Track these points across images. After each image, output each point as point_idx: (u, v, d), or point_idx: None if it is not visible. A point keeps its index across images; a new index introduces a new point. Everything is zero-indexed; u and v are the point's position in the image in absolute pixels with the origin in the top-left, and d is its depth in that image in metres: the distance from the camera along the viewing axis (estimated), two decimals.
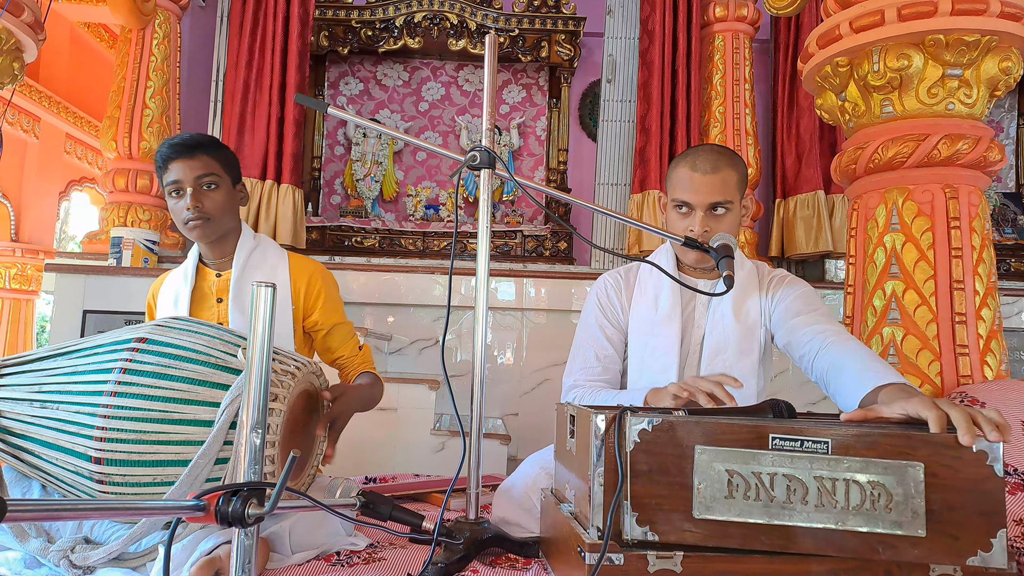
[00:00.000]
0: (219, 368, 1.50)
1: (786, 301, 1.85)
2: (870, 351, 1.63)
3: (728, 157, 1.84)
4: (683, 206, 1.83)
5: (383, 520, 1.34)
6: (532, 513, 1.69)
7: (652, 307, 1.91)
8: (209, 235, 1.93)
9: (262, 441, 1.01)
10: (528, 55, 4.85)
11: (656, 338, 1.88)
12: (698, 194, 1.80)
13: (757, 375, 1.87)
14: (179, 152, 1.89)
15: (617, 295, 1.98)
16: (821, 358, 1.66)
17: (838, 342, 1.65)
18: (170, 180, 1.89)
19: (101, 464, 1.41)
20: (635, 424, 1.17)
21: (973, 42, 2.19)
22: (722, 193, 1.79)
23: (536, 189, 1.72)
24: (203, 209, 1.87)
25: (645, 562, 1.14)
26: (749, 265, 1.93)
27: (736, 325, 1.84)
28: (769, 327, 1.89)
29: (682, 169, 1.84)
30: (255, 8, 4.39)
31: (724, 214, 1.81)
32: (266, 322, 1.01)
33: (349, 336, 2.11)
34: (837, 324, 1.75)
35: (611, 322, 1.96)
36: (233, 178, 1.98)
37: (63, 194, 6.53)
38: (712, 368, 1.84)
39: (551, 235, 4.77)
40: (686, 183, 1.82)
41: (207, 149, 1.92)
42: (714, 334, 1.86)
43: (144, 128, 4.31)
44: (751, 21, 4.50)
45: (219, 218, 1.92)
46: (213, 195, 1.90)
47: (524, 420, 3.87)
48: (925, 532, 1.11)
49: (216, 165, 1.91)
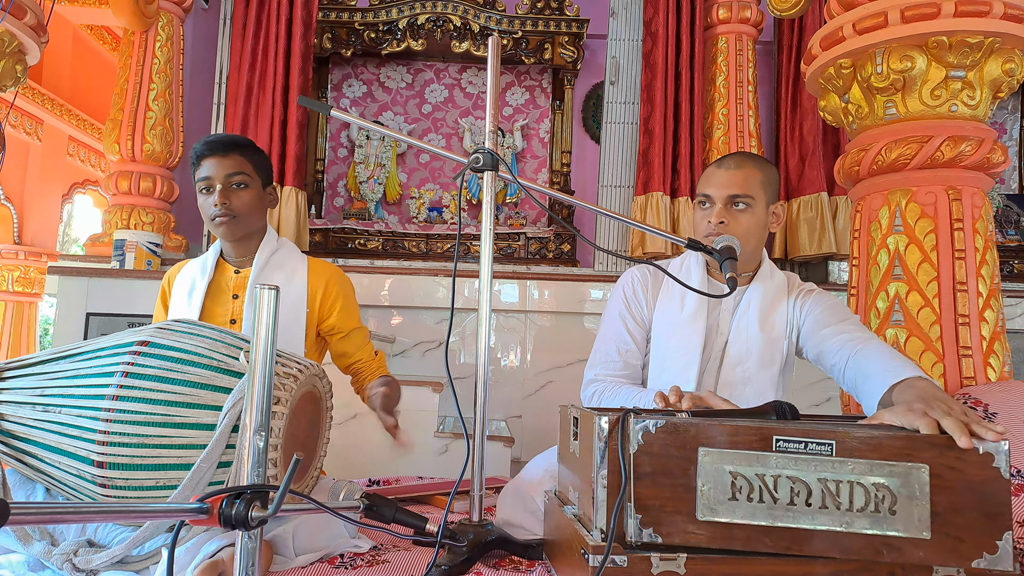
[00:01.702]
0: (221, 371, 1.50)
1: (815, 313, 1.84)
2: (891, 350, 1.62)
3: (757, 159, 1.87)
4: (705, 201, 1.85)
5: (387, 522, 1.34)
6: (536, 515, 1.69)
7: (678, 307, 1.90)
8: (235, 233, 1.95)
9: (265, 444, 1.01)
10: (531, 57, 4.84)
11: (679, 339, 1.87)
12: (718, 187, 1.81)
13: (777, 387, 1.86)
14: (213, 149, 1.93)
15: (644, 290, 1.97)
16: (850, 368, 1.66)
17: (864, 348, 1.65)
18: (202, 176, 1.93)
19: (104, 468, 1.41)
20: (638, 426, 1.17)
21: (976, 44, 2.19)
22: (742, 187, 1.80)
23: (539, 191, 1.72)
24: (230, 207, 1.91)
25: (649, 564, 1.14)
26: (780, 276, 1.92)
27: (760, 336, 1.83)
28: (796, 340, 1.88)
29: (709, 168, 1.89)
30: (258, 10, 4.40)
31: (744, 210, 1.80)
32: (269, 324, 1.01)
33: (365, 341, 2.13)
34: (865, 331, 1.75)
35: (634, 317, 1.95)
36: (264, 180, 2.01)
37: (66, 197, 6.54)
38: (731, 376, 1.83)
39: (554, 237, 4.76)
40: (709, 177, 1.85)
41: (240, 149, 1.96)
42: (737, 343, 1.84)
43: (147, 131, 4.31)
44: (754, 23, 4.50)
45: (246, 217, 1.95)
46: (241, 194, 1.93)
47: (528, 422, 3.86)
48: (930, 534, 1.11)
49: (248, 165, 1.95)
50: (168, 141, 4.38)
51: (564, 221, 3.16)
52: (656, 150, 4.37)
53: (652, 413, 1.25)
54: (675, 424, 1.17)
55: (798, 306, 1.88)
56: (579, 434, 1.36)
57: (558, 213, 4.85)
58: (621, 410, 1.27)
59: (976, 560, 1.10)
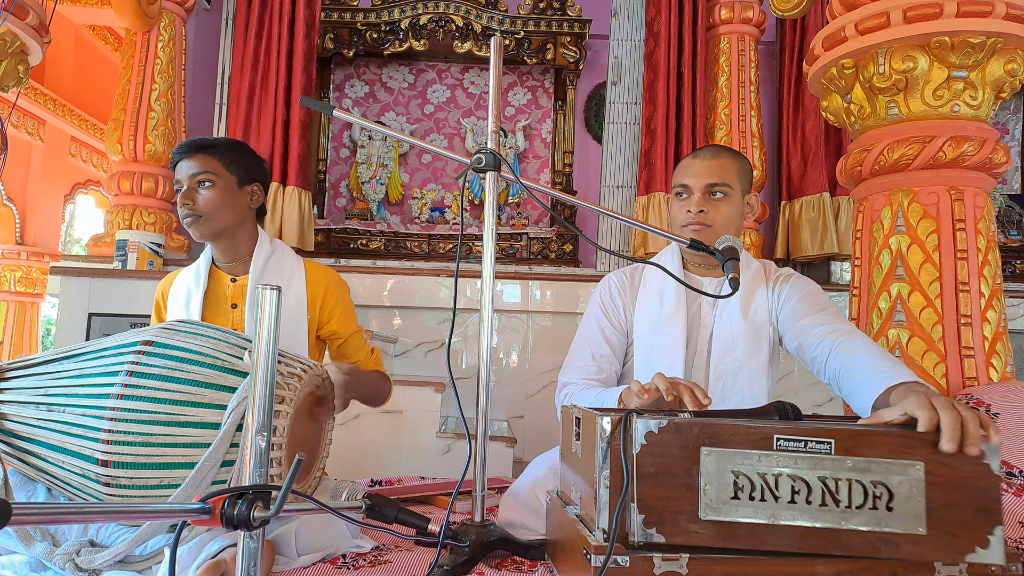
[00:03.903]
0: (225, 370, 1.50)
1: (792, 301, 1.84)
2: (879, 348, 1.62)
3: (730, 150, 1.91)
4: (682, 191, 1.87)
5: (389, 523, 1.34)
6: (538, 515, 1.69)
7: (657, 305, 1.91)
8: (204, 233, 1.94)
9: (268, 444, 1.01)
10: (533, 57, 4.84)
11: (661, 336, 1.88)
12: (696, 177, 1.84)
13: (767, 374, 1.86)
14: (182, 152, 1.94)
15: (621, 295, 1.98)
16: (833, 360, 1.65)
17: (848, 342, 1.64)
18: (175, 180, 1.94)
19: (108, 467, 1.41)
20: (641, 426, 1.17)
21: (979, 44, 2.18)
22: (720, 176, 1.83)
23: (541, 191, 1.72)
24: (193, 206, 1.90)
25: (651, 564, 1.14)
26: (756, 265, 1.93)
27: (744, 324, 1.84)
28: (777, 327, 1.89)
29: (684, 160, 1.92)
30: (260, 10, 4.41)
31: (722, 199, 1.83)
32: (272, 324, 1.01)
33: (363, 343, 2.14)
34: (846, 322, 1.74)
35: (612, 322, 1.96)
36: (239, 178, 1.97)
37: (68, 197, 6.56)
38: (721, 369, 1.84)
39: (557, 237, 4.76)
40: (685, 169, 1.88)
41: (209, 149, 1.94)
42: (722, 334, 1.85)
43: (149, 131, 4.32)
44: (756, 23, 4.50)
45: (213, 216, 1.92)
46: (206, 193, 1.91)
47: (530, 422, 3.86)
48: (926, 530, 1.13)
49: (216, 164, 1.92)
50: (170, 141, 4.38)
51: (566, 221, 3.16)
52: (658, 150, 4.37)
53: (655, 413, 1.25)
54: (678, 424, 1.17)
55: (775, 293, 1.89)
56: (581, 434, 1.36)
57: (560, 213, 4.85)
58: (623, 410, 1.27)
59: (969, 554, 1.12)
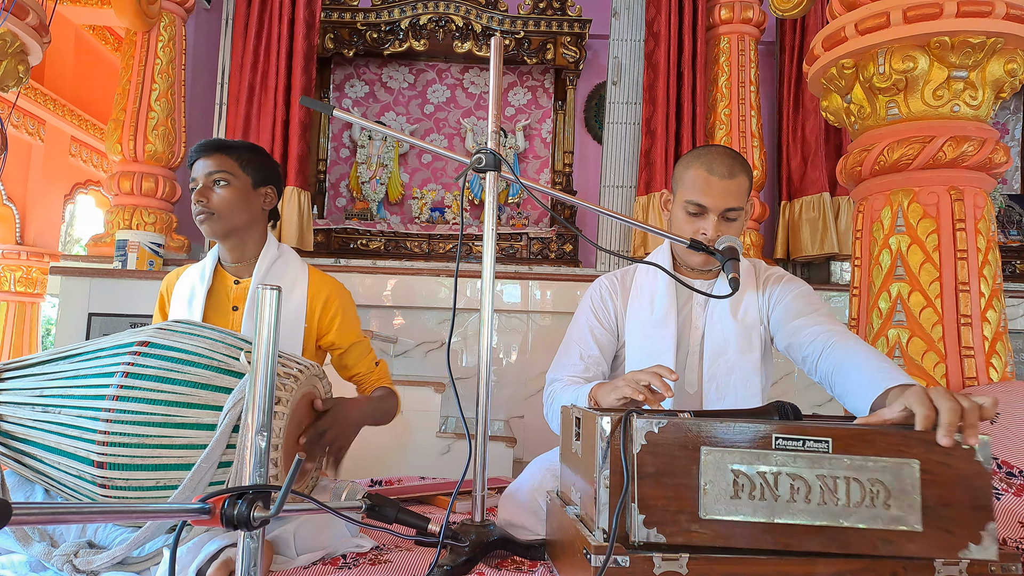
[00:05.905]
0: (222, 371, 1.49)
1: (784, 302, 1.84)
2: (874, 350, 1.61)
3: (741, 162, 1.83)
4: (697, 209, 1.80)
5: (388, 523, 1.34)
6: (538, 515, 1.69)
7: (648, 309, 1.91)
8: (216, 231, 1.95)
9: (267, 444, 1.01)
10: (533, 57, 4.84)
11: (652, 340, 1.88)
12: (715, 198, 1.77)
13: (761, 373, 1.86)
14: (200, 151, 1.96)
15: (612, 298, 1.98)
16: (825, 360, 1.65)
17: (841, 343, 1.63)
18: (192, 178, 1.95)
19: (104, 468, 1.41)
20: (642, 426, 1.17)
21: (979, 44, 2.18)
22: (737, 199, 1.79)
23: (541, 191, 1.72)
24: (207, 204, 1.92)
25: (651, 564, 1.14)
26: (745, 263, 1.92)
27: (735, 324, 1.84)
28: (768, 327, 1.88)
29: (697, 171, 1.80)
30: (260, 10, 4.41)
31: (734, 220, 1.81)
32: (271, 325, 1.01)
33: (366, 353, 2.13)
34: (838, 324, 1.74)
35: (602, 324, 1.96)
36: (255, 180, 2.00)
37: (68, 197, 6.55)
38: (715, 368, 1.84)
39: (557, 237, 4.76)
40: (702, 185, 1.78)
41: (227, 150, 1.97)
42: (713, 335, 1.85)
43: (149, 131, 4.32)
44: (756, 23, 4.50)
45: (226, 215, 1.94)
46: (221, 192, 1.93)
47: (530, 422, 3.86)
48: (922, 527, 1.14)
49: (232, 164, 1.95)
50: (170, 141, 4.39)
51: (566, 221, 3.16)
52: (658, 150, 4.38)
53: (655, 413, 1.25)
54: (678, 424, 1.17)
55: (766, 294, 1.88)
56: (581, 434, 1.36)
57: (560, 213, 4.85)
58: (623, 410, 1.27)
59: (963, 551, 1.13)
